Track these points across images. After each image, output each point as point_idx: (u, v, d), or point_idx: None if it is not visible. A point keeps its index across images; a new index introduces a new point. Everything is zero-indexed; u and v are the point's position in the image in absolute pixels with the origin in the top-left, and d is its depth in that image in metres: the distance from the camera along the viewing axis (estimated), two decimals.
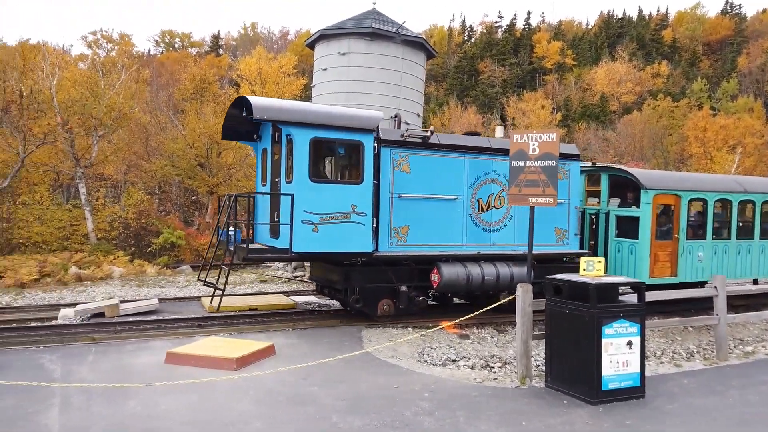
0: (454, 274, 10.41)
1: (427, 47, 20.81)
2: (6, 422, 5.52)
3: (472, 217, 11.08)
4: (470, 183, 11.05)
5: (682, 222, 12.22)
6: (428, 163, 10.64)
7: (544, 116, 53.49)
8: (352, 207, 9.71)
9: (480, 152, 11.20)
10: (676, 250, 12.22)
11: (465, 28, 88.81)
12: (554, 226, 11.75)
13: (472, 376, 7.72)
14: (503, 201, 11.36)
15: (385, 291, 10.44)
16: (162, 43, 74.65)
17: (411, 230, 10.49)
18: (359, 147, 9.84)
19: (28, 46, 26.51)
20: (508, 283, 10.86)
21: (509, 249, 11.38)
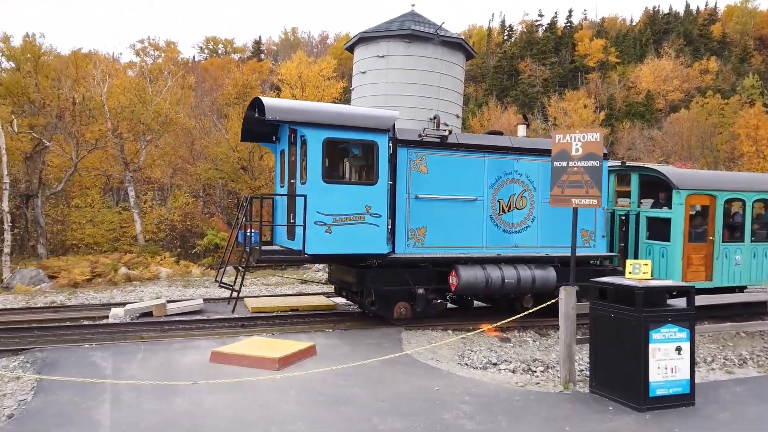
0: (472, 277, 10.17)
1: (466, 48, 20.68)
2: (62, 417, 5.76)
3: (493, 218, 10.84)
4: (490, 183, 10.82)
5: (717, 223, 11.70)
6: (446, 163, 10.46)
7: (587, 115, 52.34)
8: (366, 208, 9.57)
9: (501, 152, 10.94)
10: (711, 253, 11.71)
11: (504, 28, 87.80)
12: (580, 227, 11.29)
13: (513, 379, 7.63)
14: (525, 202, 11.09)
15: (401, 293, 10.29)
16: (206, 49, 76.49)
17: (428, 232, 10.33)
18: (373, 147, 9.69)
19: (81, 55, 27.61)
20: (530, 287, 10.62)
21: (532, 251, 11.08)
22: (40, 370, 7.32)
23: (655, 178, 11.90)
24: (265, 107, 9.29)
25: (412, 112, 18.77)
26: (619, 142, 50.89)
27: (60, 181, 23.02)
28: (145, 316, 11.02)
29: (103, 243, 22.83)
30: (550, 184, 11.16)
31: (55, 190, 23.37)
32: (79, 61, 24.92)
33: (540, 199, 11.16)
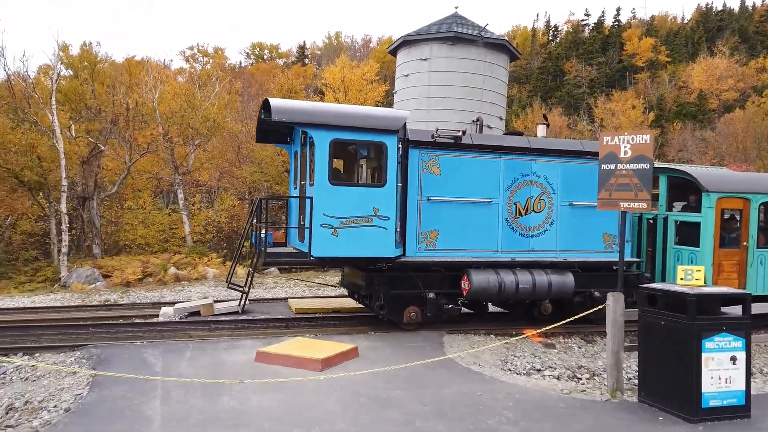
0: (484, 282, 9.91)
1: (510, 49, 20.46)
2: (115, 411, 5.99)
3: (509, 221, 10.53)
4: (506, 185, 10.52)
5: (752, 228, 11.04)
6: (460, 165, 10.23)
7: (635, 116, 50.92)
8: (374, 210, 9.37)
9: (517, 153, 10.61)
10: (745, 259, 11.07)
11: (549, 28, 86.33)
12: (602, 231, 10.99)
13: (558, 386, 7.48)
14: (543, 205, 10.73)
15: (412, 298, 10.10)
16: (252, 55, 78.11)
17: (441, 235, 10.13)
18: (382, 148, 9.49)
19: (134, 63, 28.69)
20: (546, 293, 10.29)
21: (550, 256, 10.73)
22: (95, 365, 7.62)
23: (684, 180, 11.38)
24: (271, 108, 9.27)
25: (454, 114, 18.71)
26: (670, 144, 49.27)
27: (114, 183, 23.95)
28: (193, 315, 11.33)
29: (154, 244, 23.63)
30: (570, 187, 10.92)
31: (109, 193, 24.32)
32: (132, 69, 25.90)
33: (559, 202, 10.82)
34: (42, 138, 22.10)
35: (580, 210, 10.84)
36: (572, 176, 10.86)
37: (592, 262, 10.90)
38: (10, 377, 7.63)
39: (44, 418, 5.93)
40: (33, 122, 21.67)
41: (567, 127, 57.46)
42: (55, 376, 7.43)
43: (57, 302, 14.71)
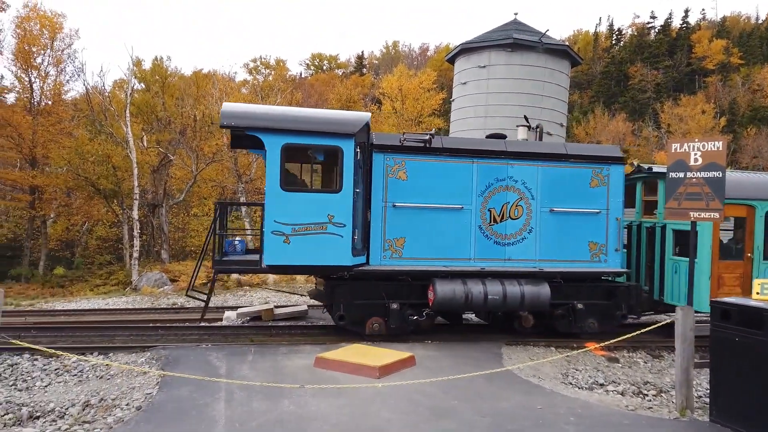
0: (449, 292, 9.43)
1: (572, 54, 20.04)
2: (182, 411, 6.23)
3: (482, 229, 10.01)
4: (480, 191, 10.02)
5: (757, 238, 10.21)
6: (428, 170, 9.81)
7: (705, 122, 48.64)
8: (329, 217, 9.03)
9: (492, 156, 10.07)
10: (750, 272, 10.23)
11: (613, 32, 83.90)
12: (588, 239, 10.33)
13: (622, 402, 7.22)
14: (521, 211, 10.14)
15: (375, 308, 9.70)
16: (312, 66, 79.88)
17: (408, 243, 9.72)
18: (337, 153, 9.11)
19: (201, 76, 29.92)
20: (518, 304, 9.73)
21: (528, 265, 10.13)
22: (163, 366, 7.96)
23: None
24: (221, 113, 9.15)
25: (513, 121, 18.46)
26: (743, 150, 46.78)
27: (181, 191, 25.01)
28: (255, 320, 11.64)
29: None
30: (551, 192, 10.25)
31: (177, 200, 25.42)
32: (199, 81, 27.03)
33: (539, 208, 10.23)
34: (116, 148, 23.39)
35: (562, 217, 10.27)
36: (554, 181, 10.27)
37: (576, 273, 10.29)
38: (87, 375, 8.08)
39: (117, 415, 6.24)
40: (109, 133, 22.95)
41: (631, 133, 55.56)
42: (127, 375, 7.81)
43: (129, 305, 15.48)
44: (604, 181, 10.42)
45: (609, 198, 10.43)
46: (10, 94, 30.78)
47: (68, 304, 16.78)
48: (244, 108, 9.70)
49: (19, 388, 7.60)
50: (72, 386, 7.61)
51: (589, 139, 56.72)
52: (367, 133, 9.70)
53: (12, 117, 26.65)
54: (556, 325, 10.36)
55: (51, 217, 29.11)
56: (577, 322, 10.23)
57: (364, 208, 9.58)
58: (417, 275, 9.77)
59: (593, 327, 10.29)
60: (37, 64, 28.65)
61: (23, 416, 6.37)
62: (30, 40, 28.15)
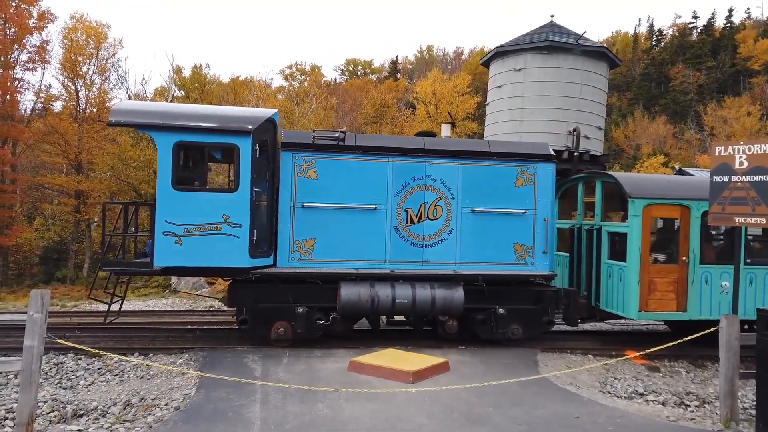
0: (354, 296, 9.16)
1: (610, 56, 19.65)
2: (219, 412, 6.35)
3: (399, 230, 9.63)
4: (396, 190, 9.63)
5: (693, 241, 9.64)
6: (341, 168, 9.48)
7: (751, 124, 47.01)
8: (224, 218, 8.69)
9: (409, 154, 9.69)
10: (685, 276, 9.64)
11: (653, 33, 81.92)
12: (513, 241, 9.87)
13: (663, 413, 7.03)
14: (440, 211, 9.71)
15: (281, 312, 9.32)
16: (346, 71, 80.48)
17: (317, 244, 9.40)
18: (234, 151, 8.82)
19: (239, 82, 30.49)
20: (429, 309, 9.36)
21: (448, 268, 9.71)
22: (201, 367, 8.13)
23: (617, 185, 9.99)
24: (110, 111, 8.96)
25: (549, 125, 18.21)
26: None
27: None
28: None
29: None
30: (473, 191, 9.79)
31: None
32: (237, 88, 27.54)
33: (459, 208, 9.81)
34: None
35: (485, 217, 9.85)
36: (476, 180, 9.86)
37: (499, 276, 9.83)
38: (128, 375, 8.31)
39: (157, 415, 6.39)
40: (150, 140, 23.57)
41: (672, 136, 54.13)
42: (166, 375, 8.00)
43: (168, 307, 15.84)
44: (531, 180, 9.97)
45: (536, 198, 9.98)
46: (57, 102, 32.02)
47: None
48: (135, 105, 9.50)
49: (64, 387, 7.87)
50: (114, 386, 7.83)
51: (627, 142, 55.51)
52: (274, 130, 9.43)
53: (59, 124, 27.74)
54: (476, 331, 9.94)
55: (95, 221, 30.09)
56: (498, 328, 9.76)
57: (270, 209, 9.31)
58: (326, 278, 9.45)
59: (517, 333, 9.82)
60: (82, 73, 29.75)
61: (68, 414, 6.59)
62: (76, 49, 29.24)
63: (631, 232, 9.63)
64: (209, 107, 10.46)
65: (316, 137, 9.54)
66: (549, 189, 10.06)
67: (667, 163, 40.73)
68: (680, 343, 7.86)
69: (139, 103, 9.87)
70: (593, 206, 10.93)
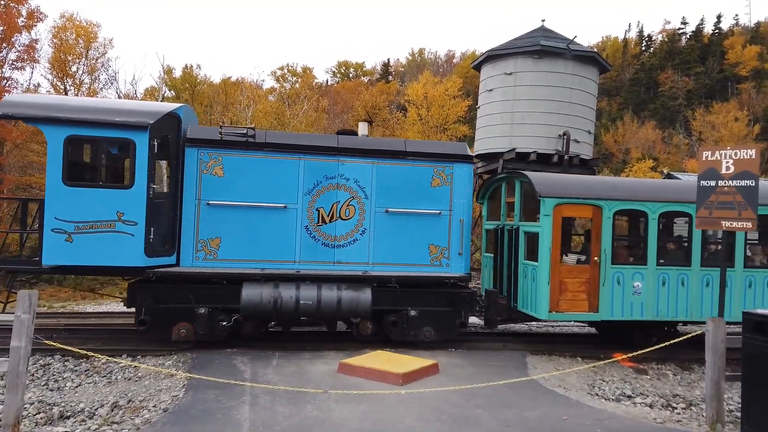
0: (256, 297, 9.00)
1: (600, 61, 19.82)
2: (207, 414, 6.32)
3: (309, 229, 9.49)
4: (307, 189, 9.50)
5: (604, 241, 9.58)
6: (249, 166, 9.30)
7: (738, 129, 47.54)
8: (118, 215, 8.42)
9: (322, 153, 9.56)
10: (597, 277, 9.59)
11: (642, 38, 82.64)
12: (428, 242, 9.77)
13: (650, 415, 7.08)
14: (353, 211, 9.59)
15: (183, 313, 9.09)
16: (338, 73, 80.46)
17: (223, 243, 9.21)
18: (129, 146, 8.53)
19: (230, 83, 30.43)
20: (334, 310, 9.23)
21: (361, 269, 9.59)
22: (190, 369, 8.09)
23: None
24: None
25: (540, 128, 18.32)
26: None
27: None
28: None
29: None
30: (387, 191, 9.70)
31: None
32: (228, 89, 27.48)
33: (373, 208, 9.70)
34: None
35: (399, 218, 9.76)
36: (391, 180, 9.76)
37: (412, 277, 9.71)
38: (116, 377, 8.26)
39: (145, 416, 6.35)
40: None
41: (661, 140, 54.60)
42: (154, 377, 7.95)
43: None
44: (447, 180, 9.87)
45: (452, 198, 9.88)
46: None
47: (99, 306, 17.15)
48: (26, 98, 9.32)
49: (50, 388, 7.80)
50: (101, 387, 7.78)
51: (617, 146, 55.91)
52: (178, 126, 9.22)
53: None
54: (388, 333, 9.77)
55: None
56: (410, 330, 9.64)
57: (173, 206, 9.11)
58: (232, 278, 9.24)
59: (429, 336, 9.72)
60: (72, 72, 29.55)
61: (54, 415, 6.54)
62: (66, 49, 29.04)
63: (542, 231, 9.56)
64: (106, 101, 10.00)
65: (224, 133, 9.33)
66: (465, 190, 9.97)
67: (655, 168, 41.08)
68: (667, 345, 7.94)
69: (30, 96, 9.52)
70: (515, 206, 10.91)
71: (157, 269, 8.92)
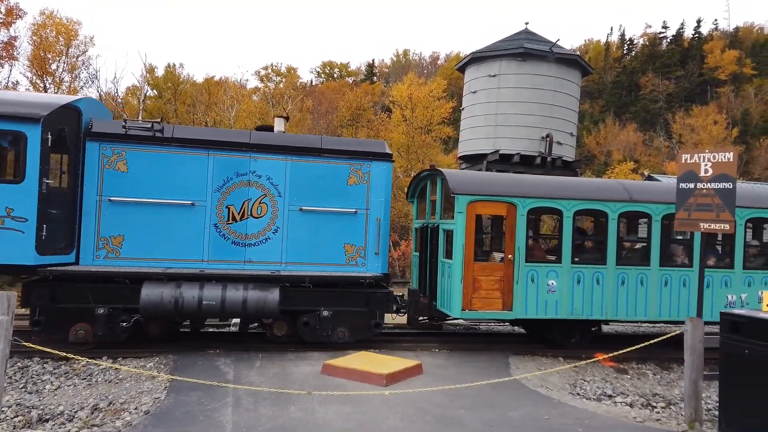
0: (156, 296, 8.63)
1: (582, 64, 20.05)
2: (190, 416, 6.27)
3: (219, 227, 9.26)
4: (217, 186, 9.27)
5: (519, 239, 9.51)
6: (155, 161, 9.03)
7: (717, 132, 48.40)
8: (7, 211, 8.10)
9: (233, 148, 9.34)
10: (511, 274, 9.56)
11: (624, 42, 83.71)
12: (344, 241, 9.62)
13: (631, 414, 7.18)
14: (265, 209, 9.39)
15: (81, 313, 8.74)
16: (323, 73, 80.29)
17: (126, 241, 8.94)
18: (20, 139, 8.18)
19: (213, 83, 30.21)
20: (239, 311, 8.91)
21: (273, 268, 9.41)
22: (172, 371, 8.01)
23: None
24: None
25: (524, 130, 18.48)
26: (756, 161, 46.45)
27: None
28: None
29: None
30: (302, 189, 9.51)
31: None
32: (211, 88, 27.29)
33: (287, 206, 9.51)
34: None
35: (314, 216, 9.59)
36: (305, 177, 9.59)
37: (327, 277, 9.49)
38: (96, 379, 8.14)
39: (126, 419, 6.28)
40: None
41: (642, 143, 55.33)
42: (136, 379, 7.86)
43: None
44: (364, 178, 9.72)
45: (370, 197, 9.71)
46: None
47: None
48: None
49: (29, 391, 7.67)
50: (81, 390, 7.68)
51: (599, 148, 56.54)
52: (77, 119, 8.93)
53: None
54: (300, 334, 9.54)
55: None
56: (322, 331, 9.41)
57: (71, 202, 8.82)
58: (135, 277, 8.86)
59: (343, 337, 9.54)
60: (52, 70, 29.10)
61: (33, 419, 6.43)
62: (46, 46, 28.60)
63: (455, 229, 9.44)
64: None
65: (128, 127, 9.06)
66: (383, 188, 9.82)
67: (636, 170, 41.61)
68: (647, 345, 8.04)
69: None
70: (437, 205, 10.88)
71: (52, 268, 8.51)
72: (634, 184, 11.01)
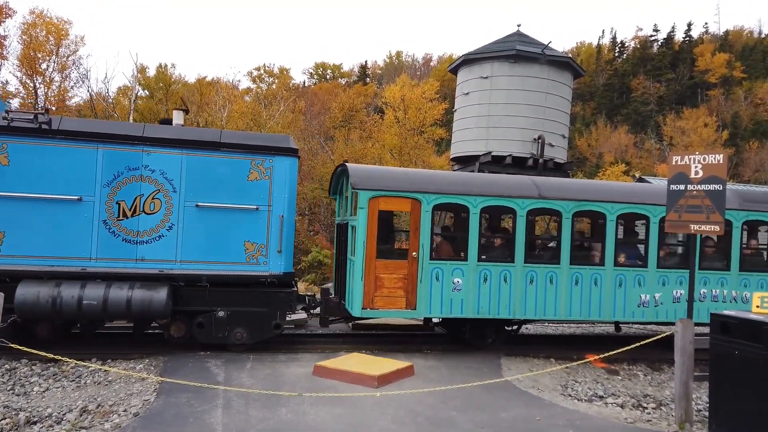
0: (32, 296, 8.28)
1: (574, 66, 20.13)
2: (180, 418, 6.22)
3: (108, 224, 8.84)
4: (106, 181, 8.84)
5: (423, 235, 9.26)
6: (39, 154, 8.63)
7: (707, 135, 48.78)
8: None
9: (124, 142, 8.92)
10: (415, 272, 9.30)
11: (616, 44, 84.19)
12: (244, 239, 9.25)
13: (622, 415, 7.20)
14: (159, 205, 8.98)
15: None
16: (315, 74, 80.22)
17: (7, 238, 8.54)
18: None
19: (205, 83, 30.09)
20: (123, 311, 8.58)
21: (166, 266, 9.01)
22: (162, 373, 7.95)
23: None
24: None
25: (515, 132, 18.52)
26: (746, 164, 46.84)
27: None
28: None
29: None
30: (198, 185, 9.13)
31: None
32: (203, 89, 27.18)
33: (182, 202, 9.11)
34: None
35: (212, 213, 9.19)
36: (203, 172, 9.20)
37: (225, 276, 9.17)
38: (85, 381, 8.07)
39: (115, 421, 6.23)
40: None
41: (633, 145, 55.65)
42: (125, 381, 7.80)
43: None
44: (267, 174, 9.35)
45: (272, 193, 9.36)
46: (15, 99, 30.97)
47: None
48: None
49: (17, 393, 7.59)
50: (70, 392, 7.60)
51: (591, 150, 56.81)
52: None
53: None
54: (195, 335, 9.24)
55: None
56: (218, 332, 9.15)
57: None
58: (13, 276, 8.49)
59: (241, 338, 9.26)
60: (42, 69, 28.89)
61: (20, 421, 6.36)
62: (36, 46, 28.39)
63: (357, 225, 9.20)
64: None
65: (10, 118, 8.64)
66: (287, 184, 9.47)
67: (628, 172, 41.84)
68: (638, 346, 8.07)
69: None
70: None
71: None
72: (545, 180, 10.67)
